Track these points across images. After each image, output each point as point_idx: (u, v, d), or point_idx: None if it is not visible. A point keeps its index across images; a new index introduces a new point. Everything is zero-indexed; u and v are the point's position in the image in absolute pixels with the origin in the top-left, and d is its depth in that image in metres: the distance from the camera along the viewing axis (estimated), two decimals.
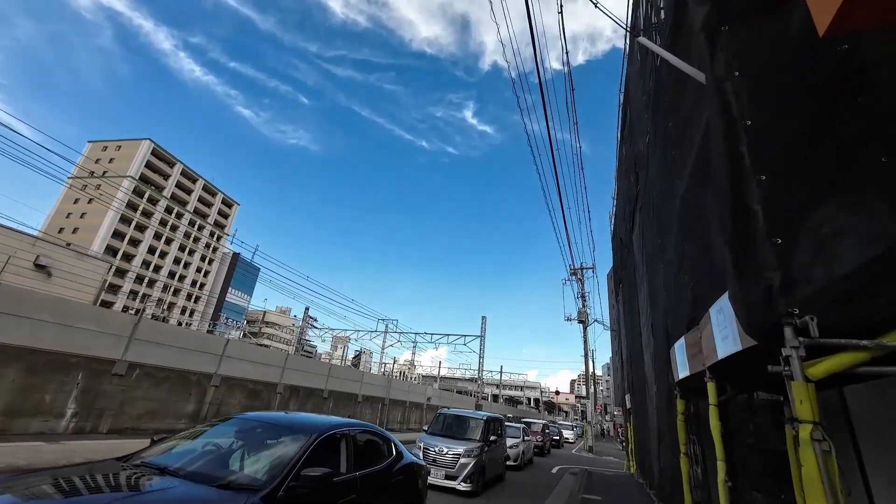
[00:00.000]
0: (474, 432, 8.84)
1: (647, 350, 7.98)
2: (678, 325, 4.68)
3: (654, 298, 6.77)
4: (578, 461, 18.74)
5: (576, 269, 27.07)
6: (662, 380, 5.96)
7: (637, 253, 8.93)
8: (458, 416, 9.31)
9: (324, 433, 3.31)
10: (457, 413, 9.41)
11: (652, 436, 7.64)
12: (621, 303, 14.47)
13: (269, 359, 14.47)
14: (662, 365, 5.83)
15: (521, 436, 13.24)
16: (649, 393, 7.98)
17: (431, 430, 9.03)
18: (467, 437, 8.75)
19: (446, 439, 8.53)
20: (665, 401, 5.82)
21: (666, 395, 5.65)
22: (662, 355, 5.90)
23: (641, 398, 9.25)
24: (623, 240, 12.84)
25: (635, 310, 9.62)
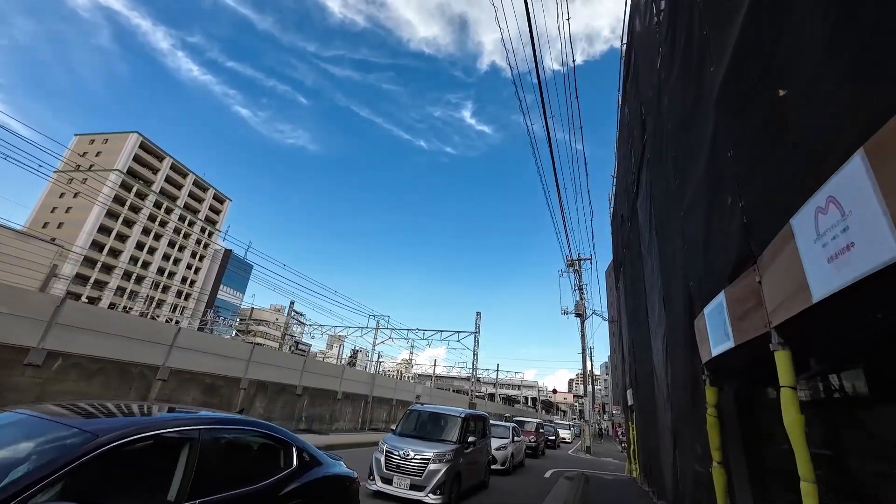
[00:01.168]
0: (450, 432, 7.44)
1: (656, 335, 6.59)
2: (710, 283, 3.31)
3: (668, 266, 5.41)
4: (575, 463, 17.37)
5: (573, 259, 25.71)
6: (680, 365, 4.58)
7: (643, 221, 7.56)
8: (432, 414, 7.91)
9: (121, 437, 1.90)
10: (430, 410, 8.02)
11: (663, 436, 6.26)
12: (622, 291, 13.11)
13: (232, 350, 13.03)
14: (681, 346, 4.46)
15: (511, 436, 11.86)
16: (658, 386, 6.60)
17: (400, 431, 7.63)
18: (441, 438, 7.35)
19: (416, 441, 7.13)
20: (684, 391, 4.44)
21: (686, 385, 4.27)
22: (680, 334, 4.53)
23: (648, 393, 7.87)
24: (624, 216, 11.49)
25: (640, 290, 8.25)
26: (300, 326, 70.82)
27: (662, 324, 5.68)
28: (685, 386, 4.43)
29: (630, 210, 9.48)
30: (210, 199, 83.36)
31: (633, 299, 9.58)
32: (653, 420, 7.37)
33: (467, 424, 7.66)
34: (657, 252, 6.03)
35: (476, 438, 7.63)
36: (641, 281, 8.05)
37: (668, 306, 5.39)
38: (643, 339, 8.16)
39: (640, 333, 8.79)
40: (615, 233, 15.92)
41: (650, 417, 7.89)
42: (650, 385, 7.51)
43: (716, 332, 3.13)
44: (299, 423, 15.51)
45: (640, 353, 8.88)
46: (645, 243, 7.42)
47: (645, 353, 8.03)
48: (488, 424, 9.46)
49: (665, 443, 6.10)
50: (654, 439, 7.49)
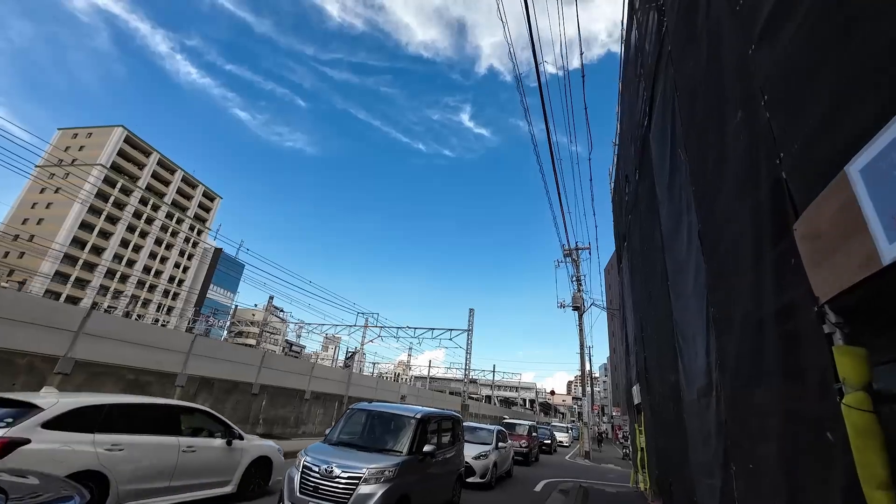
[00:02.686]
0: (398, 439, 5.46)
1: (688, 297, 4.65)
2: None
3: (710, 183, 3.51)
4: (572, 471, 15.36)
5: (571, 249, 23.78)
6: (756, 323, 2.63)
7: (659, 150, 5.63)
8: (377, 415, 5.92)
9: None
10: (377, 410, 6.03)
11: (696, 445, 4.30)
12: (627, 269, 11.15)
13: (165, 341, 11.01)
14: (760, 289, 2.52)
15: (494, 441, 9.87)
16: (687, 372, 4.65)
17: (333, 437, 5.64)
18: (386, 447, 5.37)
19: (349, 452, 5.15)
20: (753, 368, 2.50)
21: (769, 350, 2.32)
22: (748, 272, 2.61)
23: (666, 386, 5.92)
24: (629, 177, 9.58)
25: (655, 249, 6.31)
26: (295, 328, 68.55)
27: (701, 273, 3.73)
28: (755, 357, 2.48)
29: (637, 156, 7.54)
30: (199, 196, 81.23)
31: (645, 267, 7.63)
32: (674, 421, 5.40)
33: (424, 428, 5.68)
34: (688, 177, 4.10)
35: (436, 447, 5.64)
36: (658, 237, 6.10)
37: (715, 240, 3.45)
38: (661, 315, 6.21)
39: (654, 309, 6.85)
40: (616, 207, 14.03)
41: (669, 418, 5.93)
42: (671, 374, 5.55)
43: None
44: (256, 426, 13.49)
45: (654, 335, 6.93)
46: (663, 182, 5.47)
47: (663, 332, 6.08)
48: (460, 427, 7.48)
49: (700, 454, 4.13)
50: (675, 447, 5.52)
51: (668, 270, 5.43)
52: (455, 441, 7.06)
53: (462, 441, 7.56)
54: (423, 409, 6.26)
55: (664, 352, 6.11)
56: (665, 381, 6.11)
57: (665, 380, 6.11)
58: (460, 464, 7.23)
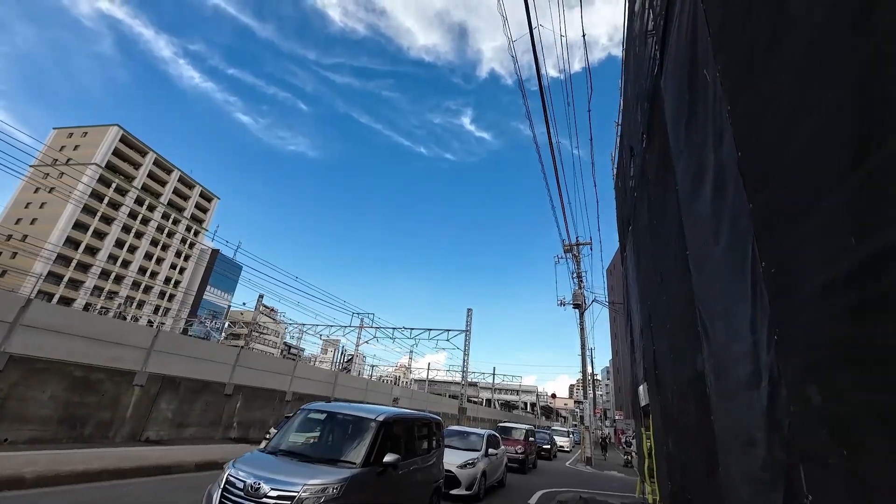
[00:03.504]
0: (353, 448, 4.42)
1: (706, 269, 3.62)
2: None
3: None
4: (572, 479, 14.25)
5: (571, 244, 22.72)
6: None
7: (674, 89, 4.62)
8: (331, 417, 4.87)
9: None
10: (331, 410, 4.98)
11: (732, 451, 3.26)
12: (633, 254, 10.10)
13: (123, 335, 9.99)
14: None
15: (483, 447, 8.80)
16: (716, 360, 3.59)
17: (274, 445, 4.60)
18: (339, 457, 4.33)
19: (290, 463, 4.12)
20: None
21: None
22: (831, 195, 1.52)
23: (683, 383, 4.89)
24: (634, 149, 8.57)
25: (668, 215, 5.29)
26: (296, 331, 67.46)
27: (742, 219, 2.70)
28: None
29: (646, 116, 6.52)
30: (196, 197, 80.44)
31: (655, 245, 6.58)
32: (696, 423, 4.35)
33: (387, 433, 4.63)
34: (721, 98, 3.07)
35: (401, 456, 4.58)
36: (671, 204, 5.07)
37: (765, 164, 2.40)
38: (675, 298, 5.19)
39: (665, 293, 5.81)
40: (619, 193, 13.02)
41: (687, 420, 4.88)
42: (690, 366, 4.51)
43: None
44: (228, 429, 12.45)
45: (666, 324, 5.89)
46: (680, 126, 4.45)
47: (678, 317, 5.05)
48: (440, 432, 6.43)
49: (740, 462, 3.08)
50: (697, 454, 4.47)
51: (687, 239, 4.40)
52: (432, 448, 6.01)
53: (442, 448, 6.51)
54: (390, 409, 5.22)
55: (680, 341, 5.07)
56: (681, 377, 5.07)
57: (681, 375, 5.07)
58: (439, 475, 6.17)
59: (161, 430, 10.56)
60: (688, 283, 4.38)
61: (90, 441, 9.03)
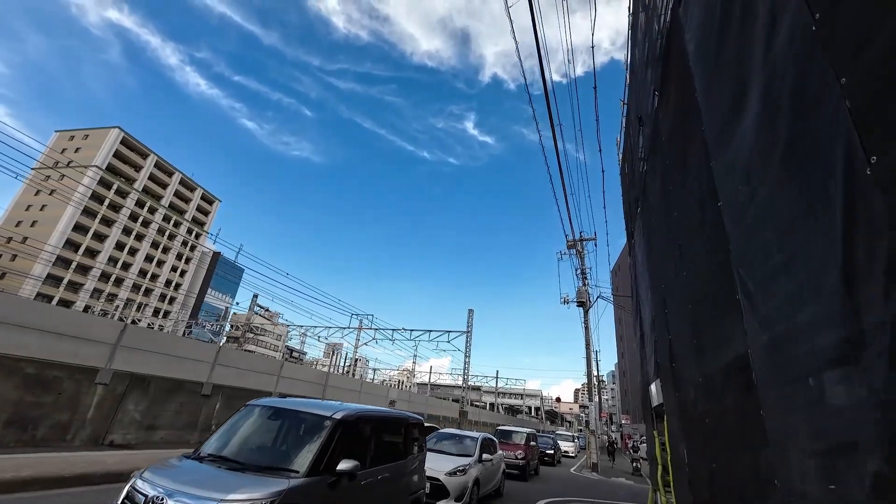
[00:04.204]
0: (299, 452, 3.53)
1: (750, 215, 2.64)
2: None
3: None
4: (576, 487, 13.24)
5: (575, 240, 21.78)
6: None
7: (703, 8, 3.70)
8: (279, 415, 4.00)
9: None
10: (280, 407, 4.09)
11: (799, 458, 2.24)
12: (641, 240, 9.16)
13: (85, 330, 9.17)
14: None
15: (477, 452, 7.87)
16: (769, 335, 2.61)
17: (205, 448, 3.72)
18: (279, 464, 3.44)
19: (214, 471, 3.24)
20: None
21: None
22: None
23: (713, 373, 3.98)
24: (642, 119, 7.69)
25: (690, 175, 4.39)
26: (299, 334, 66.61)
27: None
28: None
29: (661, 66, 5.64)
30: (197, 200, 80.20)
31: (671, 216, 5.67)
32: (735, 423, 3.41)
33: (345, 435, 3.74)
34: None
35: (360, 462, 3.69)
36: (697, 154, 4.18)
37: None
38: (701, 271, 4.30)
39: (687, 269, 4.90)
40: (626, 176, 12.12)
41: (724, 418, 3.94)
42: (723, 351, 3.59)
43: None
44: (206, 432, 11.57)
45: (687, 305, 4.97)
46: (709, 53, 3.56)
47: (704, 293, 4.16)
48: (421, 435, 5.53)
49: (826, 477, 2.15)
50: (736, 462, 3.52)
51: (719, 188, 3.50)
52: (411, 453, 5.11)
53: (424, 453, 5.61)
54: (355, 406, 4.33)
55: (706, 322, 4.16)
56: (709, 366, 4.14)
57: (709, 363, 4.14)
58: (420, 484, 5.27)
59: (128, 432, 9.72)
60: (719, 244, 3.48)
61: (43, 445, 8.19)
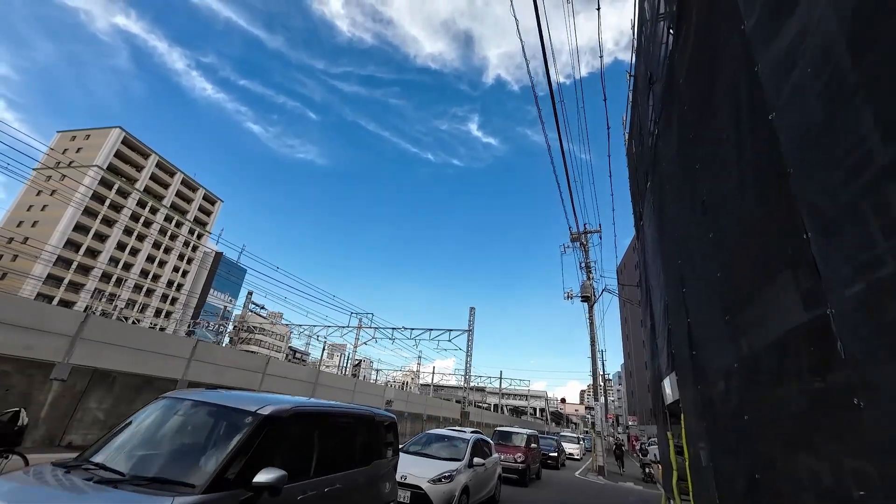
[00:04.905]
0: (203, 460, 2.65)
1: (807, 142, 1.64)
2: None
3: None
4: (581, 493, 12.26)
5: (579, 232, 20.81)
6: None
7: None
8: (186, 411, 3.11)
9: None
10: (194, 399, 3.21)
11: None
12: (652, 216, 8.21)
13: (39, 321, 8.37)
14: None
15: (467, 456, 6.95)
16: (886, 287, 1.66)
17: (90, 453, 2.85)
18: (177, 477, 2.56)
19: (83, 486, 2.37)
20: None
21: None
22: None
23: (756, 352, 2.98)
24: (653, 75, 6.79)
25: (720, 111, 3.44)
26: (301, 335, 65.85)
27: None
28: None
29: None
30: (199, 200, 79.91)
31: (695, 168, 4.73)
32: (808, 415, 2.46)
33: (273, 437, 2.85)
34: None
35: (286, 473, 2.79)
36: (735, 49, 3.25)
37: None
38: (742, 218, 3.36)
39: (715, 226, 3.97)
40: (633, 153, 11.21)
41: (781, 410, 2.97)
42: (773, 323, 2.66)
43: None
44: None
45: (718, 272, 4.04)
46: None
47: (746, 253, 3.24)
48: (390, 435, 4.63)
49: None
50: (794, 469, 2.57)
51: (771, 91, 2.58)
52: (377, 457, 4.22)
53: (396, 457, 4.71)
54: (292, 399, 3.44)
55: (746, 288, 3.23)
56: (748, 346, 3.22)
57: (749, 343, 3.22)
58: (389, 495, 4.37)
59: (89, 433, 8.91)
60: (769, 172, 2.56)
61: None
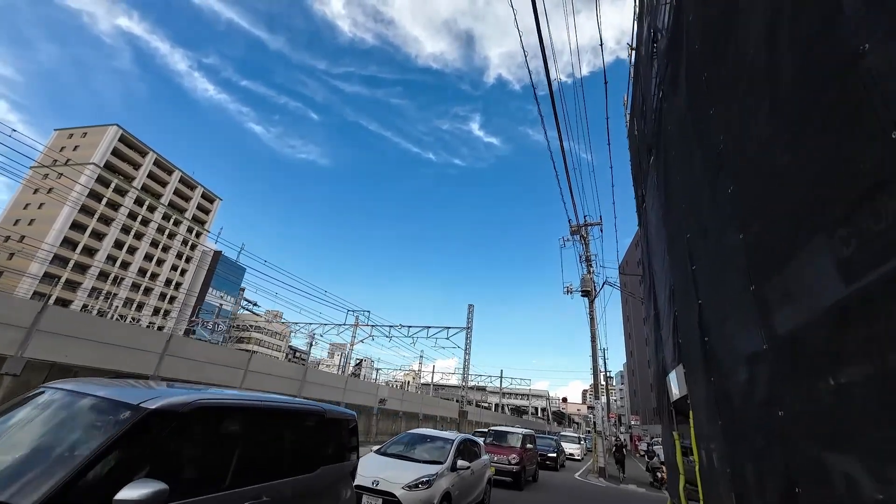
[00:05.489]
0: (51, 471, 1.95)
1: None
2: None
3: None
4: (581, 498, 11.55)
5: (579, 225, 20.07)
6: None
7: None
8: (53, 404, 2.43)
9: None
10: (69, 388, 2.53)
11: None
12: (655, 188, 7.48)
13: None
14: None
15: (450, 459, 6.25)
16: None
17: None
18: (4, 490, 1.86)
19: None
20: None
21: None
22: None
23: (811, 326, 2.15)
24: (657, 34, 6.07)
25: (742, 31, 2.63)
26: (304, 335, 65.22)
27: None
28: None
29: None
30: (198, 198, 79.44)
31: (709, 121, 4.00)
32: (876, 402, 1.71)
33: (149, 441, 2.15)
34: None
35: (169, 486, 2.10)
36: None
37: None
38: (774, 160, 2.57)
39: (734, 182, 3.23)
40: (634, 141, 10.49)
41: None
42: (822, 292, 1.87)
43: None
44: None
45: (745, 237, 3.29)
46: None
47: (778, 205, 2.46)
48: (347, 435, 3.94)
49: None
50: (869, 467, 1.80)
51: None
52: (321, 463, 3.53)
53: (353, 460, 4.02)
54: (197, 392, 2.74)
55: (785, 246, 2.52)
56: (784, 321, 2.51)
57: (786, 317, 2.51)
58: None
59: None
60: (827, 87, 1.85)
61: None
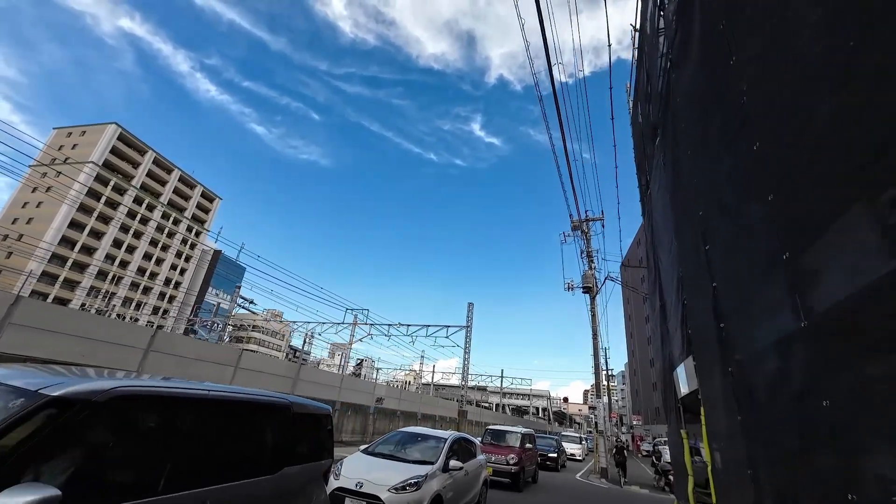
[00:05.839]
0: None
1: None
2: None
3: None
4: (582, 500, 11.11)
5: (580, 220, 19.64)
6: None
7: None
8: None
9: None
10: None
11: None
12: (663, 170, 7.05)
13: None
14: None
15: (441, 459, 5.83)
16: None
17: None
18: None
19: None
20: None
21: None
22: None
23: (865, 296, 1.67)
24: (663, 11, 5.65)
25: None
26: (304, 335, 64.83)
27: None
28: None
29: None
30: (197, 197, 79.14)
31: (733, 72, 3.57)
32: None
33: (47, 437, 1.74)
34: None
35: (64, 491, 1.69)
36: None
37: None
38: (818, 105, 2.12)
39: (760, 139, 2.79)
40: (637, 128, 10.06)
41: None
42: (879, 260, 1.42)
43: None
44: None
45: (776, 198, 2.85)
46: None
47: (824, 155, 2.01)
48: (318, 432, 3.52)
49: None
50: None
51: None
52: (284, 463, 3.11)
53: (327, 461, 3.60)
54: (120, 379, 2.33)
55: (830, 207, 2.10)
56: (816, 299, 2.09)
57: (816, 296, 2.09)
58: None
59: None
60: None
61: None
